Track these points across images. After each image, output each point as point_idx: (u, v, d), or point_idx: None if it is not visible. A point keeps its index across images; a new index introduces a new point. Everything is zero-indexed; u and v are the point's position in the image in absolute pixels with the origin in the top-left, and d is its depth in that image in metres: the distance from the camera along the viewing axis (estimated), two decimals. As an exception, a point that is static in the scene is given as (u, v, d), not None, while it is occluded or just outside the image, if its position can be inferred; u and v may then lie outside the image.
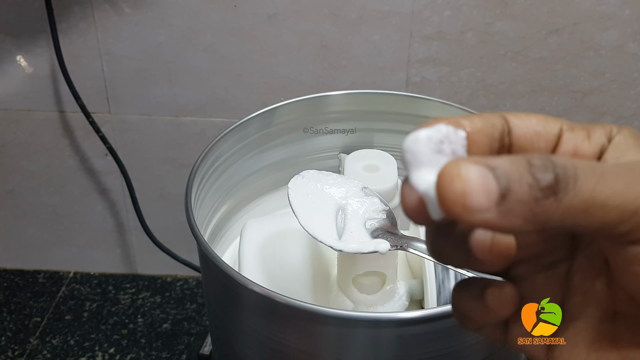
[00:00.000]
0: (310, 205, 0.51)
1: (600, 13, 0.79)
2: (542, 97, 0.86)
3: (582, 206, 0.20)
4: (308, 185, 0.53)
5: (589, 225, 0.20)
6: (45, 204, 1.00)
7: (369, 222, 0.51)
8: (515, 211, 0.20)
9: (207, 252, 0.50)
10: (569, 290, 0.25)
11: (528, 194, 0.20)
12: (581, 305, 0.24)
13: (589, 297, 0.24)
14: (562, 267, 0.25)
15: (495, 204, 0.20)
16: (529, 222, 0.20)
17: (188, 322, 0.99)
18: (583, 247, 0.24)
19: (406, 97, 0.69)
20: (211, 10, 0.82)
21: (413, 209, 0.22)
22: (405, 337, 0.48)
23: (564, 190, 0.20)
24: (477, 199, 0.19)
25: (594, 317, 0.24)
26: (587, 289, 0.24)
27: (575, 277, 0.24)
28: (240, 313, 0.52)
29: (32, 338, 0.96)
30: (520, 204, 0.20)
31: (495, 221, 0.20)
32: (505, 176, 0.20)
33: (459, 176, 0.20)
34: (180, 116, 0.91)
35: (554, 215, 0.20)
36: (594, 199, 0.20)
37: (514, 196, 0.20)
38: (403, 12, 0.81)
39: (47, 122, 0.92)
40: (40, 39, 0.85)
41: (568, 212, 0.20)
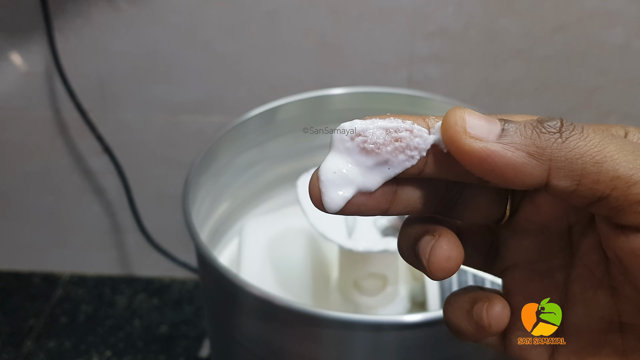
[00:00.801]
0: None
1: (605, 10, 0.78)
2: (546, 95, 0.85)
3: (590, 150, 0.19)
4: None
5: (599, 178, 0.19)
6: (40, 205, 1.00)
7: (379, 221, 0.50)
8: (517, 144, 0.20)
9: (205, 254, 0.49)
10: (569, 300, 0.24)
11: (531, 129, 0.20)
12: (583, 316, 0.23)
13: (591, 308, 0.23)
14: (560, 276, 0.24)
15: (497, 136, 0.20)
16: (533, 156, 0.20)
17: (186, 324, 0.98)
18: (582, 255, 0.23)
19: (408, 95, 0.69)
20: (209, 7, 0.81)
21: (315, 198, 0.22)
22: (407, 341, 0.47)
23: (569, 130, 0.20)
24: (479, 127, 0.20)
25: (598, 328, 0.23)
26: (588, 299, 0.23)
27: (574, 286, 0.23)
28: (238, 316, 0.51)
29: (27, 341, 0.95)
30: (522, 136, 0.20)
31: (495, 152, 0.20)
32: (510, 120, 0.20)
33: (462, 109, 0.20)
34: (178, 115, 0.90)
35: (560, 152, 0.20)
36: (603, 147, 0.19)
37: (517, 130, 0.20)
38: (405, 9, 0.80)
39: (42, 120, 0.91)
40: (35, 35, 0.85)
41: (575, 155, 0.19)
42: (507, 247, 0.25)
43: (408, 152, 0.21)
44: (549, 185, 0.20)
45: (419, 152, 0.21)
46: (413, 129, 0.21)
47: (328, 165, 0.22)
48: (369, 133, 0.21)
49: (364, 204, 0.22)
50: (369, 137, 0.21)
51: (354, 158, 0.22)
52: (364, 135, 0.21)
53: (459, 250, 0.22)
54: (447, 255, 0.22)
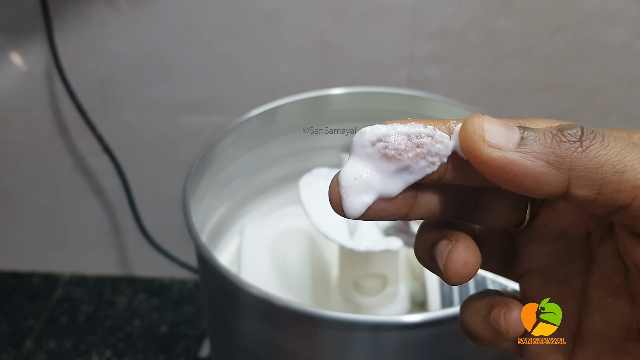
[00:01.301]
0: (321, 203, 0.51)
1: (605, 10, 0.78)
2: (546, 95, 0.85)
3: (611, 160, 0.19)
4: (319, 183, 0.52)
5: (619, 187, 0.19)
6: (40, 205, 1.00)
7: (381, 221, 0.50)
8: (536, 153, 0.20)
9: (205, 254, 0.49)
10: (587, 306, 0.23)
11: (551, 138, 0.20)
12: (601, 323, 0.23)
13: (610, 315, 0.23)
14: (578, 282, 0.24)
15: (516, 145, 0.20)
16: (552, 165, 0.19)
17: (186, 324, 0.98)
18: (601, 262, 0.23)
19: (408, 95, 0.68)
20: (209, 7, 0.81)
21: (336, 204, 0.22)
22: (407, 341, 0.47)
23: (589, 139, 0.19)
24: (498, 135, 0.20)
25: (617, 336, 0.23)
26: (606, 306, 0.23)
27: (592, 292, 0.23)
28: (238, 316, 0.51)
29: (27, 341, 0.95)
30: (541, 145, 0.20)
31: (514, 161, 0.20)
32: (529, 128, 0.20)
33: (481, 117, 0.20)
34: (178, 115, 0.90)
35: (580, 162, 0.19)
36: (624, 157, 0.19)
37: (536, 139, 0.20)
38: (405, 9, 0.80)
39: (42, 120, 0.91)
40: (35, 36, 0.84)
41: (595, 164, 0.19)
42: (525, 252, 0.25)
43: (429, 159, 0.21)
44: (569, 194, 0.20)
45: (440, 158, 0.21)
46: (435, 134, 0.21)
47: (349, 171, 0.22)
48: (391, 139, 0.21)
49: (384, 209, 0.22)
50: (390, 143, 0.21)
51: (374, 164, 0.21)
52: (385, 141, 0.21)
53: (476, 255, 0.22)
54: (464, 261, 0.22)
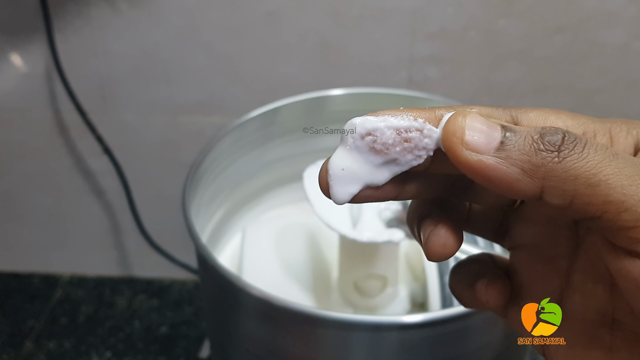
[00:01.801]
0: None
1: (605, 11, 0.78)
2: (546, 96, 0.85)
3: (585, 173, 0.19)
4: None
5: (590, 202, 0.19)
6: (40, 205, 1.00)
7: (383, 213, 0.50)
8: (512, 159, 0.20)
9: (205, 255, 0.49)
10: (569, 287, 0.24)
11: (529, 145, 0.20)
12: (580, 305, 0.24)
13: (589, 299, 0.23)
14: (564, 263, 0.24)
15: (494, 148, 0.20)
16: (527, 172, 0.20)
17: (186, 325, 0.98)
18: (586, 248, 0.24)
19: (408, 96, 0.69)
20: (209, 7, 0.81)
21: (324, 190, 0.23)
22: (407, 342, 0.47)
23: (568, 149, 0.19)
24: (477, 138, 0.20)
25: (592, 320, 0.23)
26: (587, 290, 0.24)
27: (575, 275, 0.24)
28: (238, 316, 0.51)
29: (27, 341, 0.95)
30: (519, 152, 0.20)
31: (490, 165, 0.20)
32: (512, 130, 0.20)
33: (464, 115, 0.21)
34: (178, 116, 0.90)
35: (553, 172, 0.19)
36: (599, 170, 0.19)
37: (515, 145, 0.20)
38: (405, 10, 0.80)
39: (42, 121, 0.91)
40: (35, 36, 0.85)
41: (569, 176, 0.19)
42: (516, 229, 0.26)
43: (416, 152, 0.22)
44: (542, 200, 0.20)
45: (427, 151, 0.22)
46: (424, 128, 0.22)
47: (337, 161, 0.22)
48: (379, 133, 0.22)
49: (371, 195, 0.23)
50: (378, 137, 0.22)
51: (362, 156, 0.22)
52: (374, 134, 0.22)
53: (455, 238, 0.23)
54: (443, 243, 0.23)
